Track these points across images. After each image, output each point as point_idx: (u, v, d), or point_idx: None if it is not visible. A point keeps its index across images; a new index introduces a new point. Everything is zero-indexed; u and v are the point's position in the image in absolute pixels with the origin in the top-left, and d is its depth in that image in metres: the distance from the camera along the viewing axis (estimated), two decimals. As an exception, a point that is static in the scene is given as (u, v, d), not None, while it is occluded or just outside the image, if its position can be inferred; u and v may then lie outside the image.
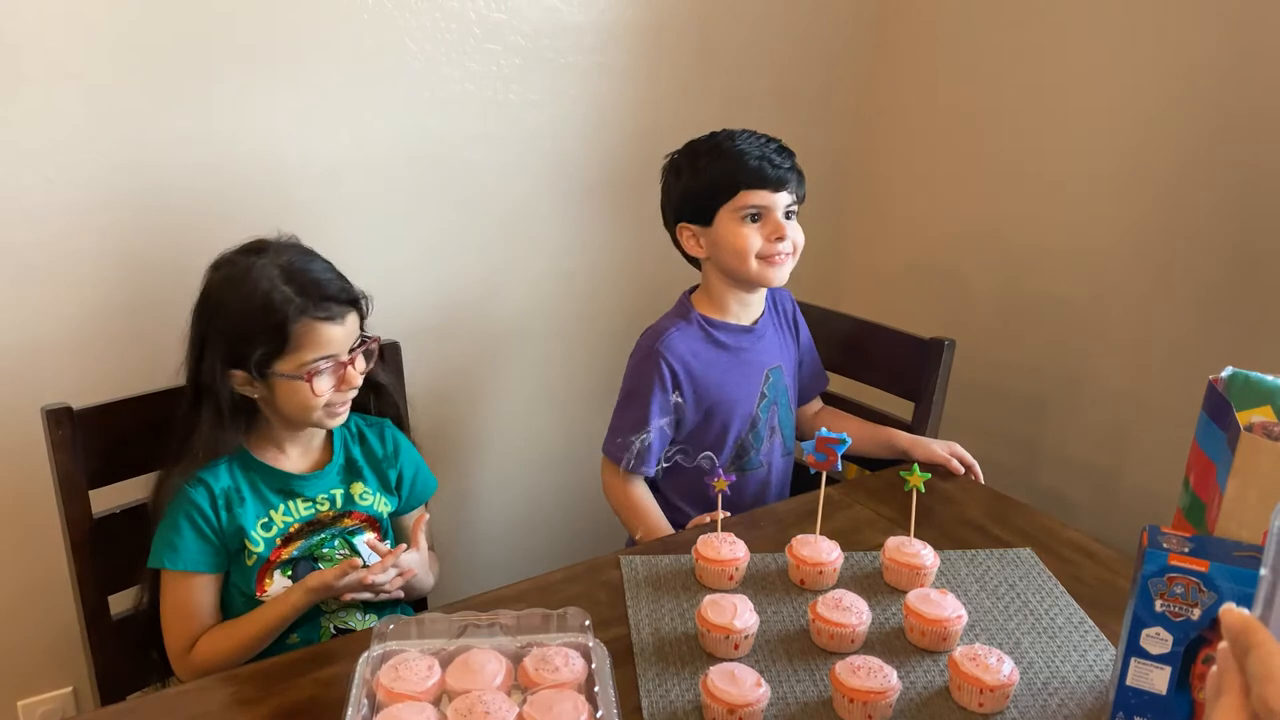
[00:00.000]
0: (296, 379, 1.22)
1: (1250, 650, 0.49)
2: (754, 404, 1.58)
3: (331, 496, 1.33)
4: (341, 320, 1.24)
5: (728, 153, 1.49)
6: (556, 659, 0.98)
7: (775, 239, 1.48)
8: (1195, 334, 1.73)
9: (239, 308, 1.21)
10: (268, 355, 1.21)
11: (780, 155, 1.50)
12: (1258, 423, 0.94)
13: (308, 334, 1.21)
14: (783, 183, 1.48)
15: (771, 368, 1.60)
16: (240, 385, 1.24)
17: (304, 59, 1.60)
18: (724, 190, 1.48)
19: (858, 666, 1.00)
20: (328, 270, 1.27)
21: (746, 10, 2.05)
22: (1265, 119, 1.59)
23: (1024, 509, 1.44)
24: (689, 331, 1.55)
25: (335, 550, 1.33)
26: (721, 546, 1.22)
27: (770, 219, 1.48)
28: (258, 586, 1.27)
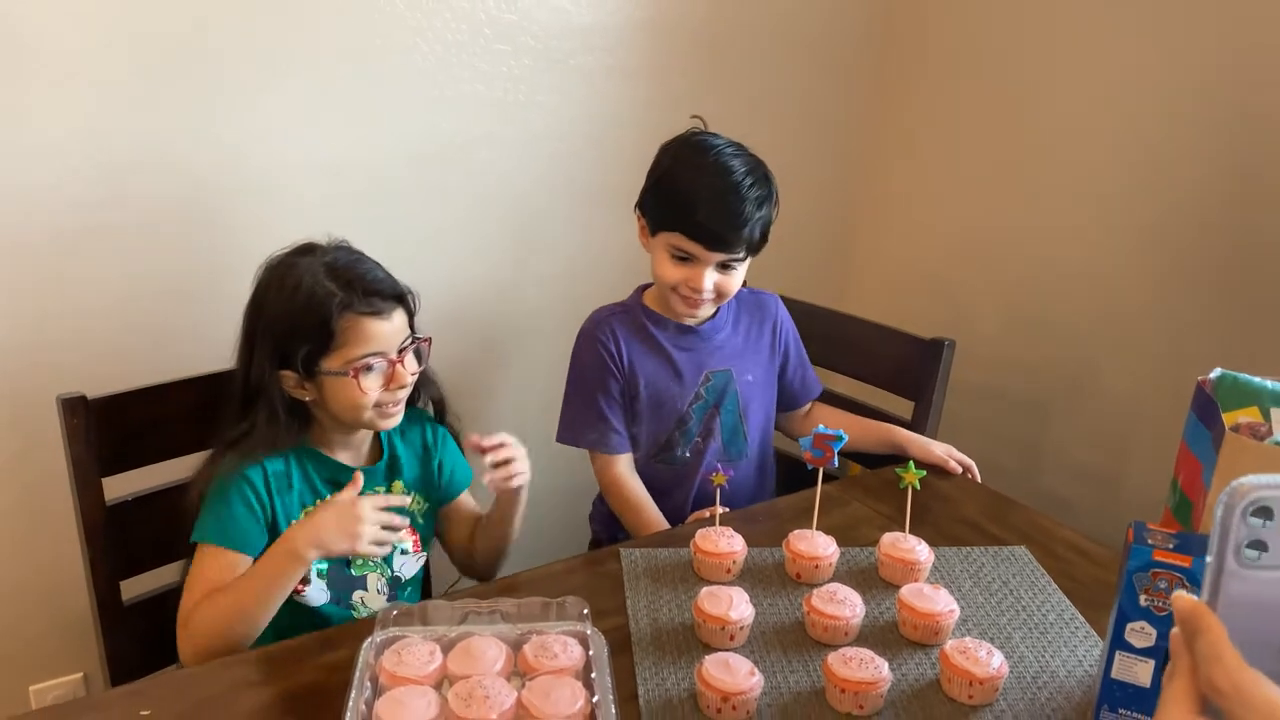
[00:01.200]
0: (343, 375, 1.22)
1: (1198, 634, 0.52)
2: (684, 404, 1.57)
3: (376, 493, 1.33)
4: (388, 316, 1.25)
5: (687, 189, 1.44)
6: (555, 646, 1.00)
7: (692, 287, 1.47)
8: (1195, 337, 1.75)
9: (284, 306, 1.22)
10: (313, 353, 1.22)
11: (740, 211, 1.42)
12: (1244, 423, 0.96)
13: (352, 330, 1.22)
14: (722, 245, 1.43)
15: (716, 370, 1.58)
16: (292, 388, 1.25)
17: (316, 58, 1.64)
18: (666, 222, 1.46)
19: (850, 658, 1.02)
20: (375, 268, 1.28)
21: (754, 13, 2.07)
22: (1268, 126, 1.61)
23: (1020, 508, 1.46)
24: (625, 319, 1.57)
25: (368, 560, 1.33)
26: (719, 540, 1.24)
27: (696, 269, 1.46)
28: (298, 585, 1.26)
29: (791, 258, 1.93)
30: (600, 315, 1.59)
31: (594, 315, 1.60)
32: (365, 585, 1.34)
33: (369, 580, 1.35)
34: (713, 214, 1.42)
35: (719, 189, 1.42)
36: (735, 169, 1.44)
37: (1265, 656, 0.51)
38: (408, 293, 1.31)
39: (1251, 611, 0.52)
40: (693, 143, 1.50)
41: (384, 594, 1.36)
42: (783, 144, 2.18)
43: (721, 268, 1.47)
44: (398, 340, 1.27)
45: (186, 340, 1.56)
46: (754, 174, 1.46)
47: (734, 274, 1.50)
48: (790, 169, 1.59)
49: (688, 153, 1.48)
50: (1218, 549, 0.51)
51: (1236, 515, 0.51)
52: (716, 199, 1.42)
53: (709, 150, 1.47)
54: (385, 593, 1.37)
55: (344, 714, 0.90)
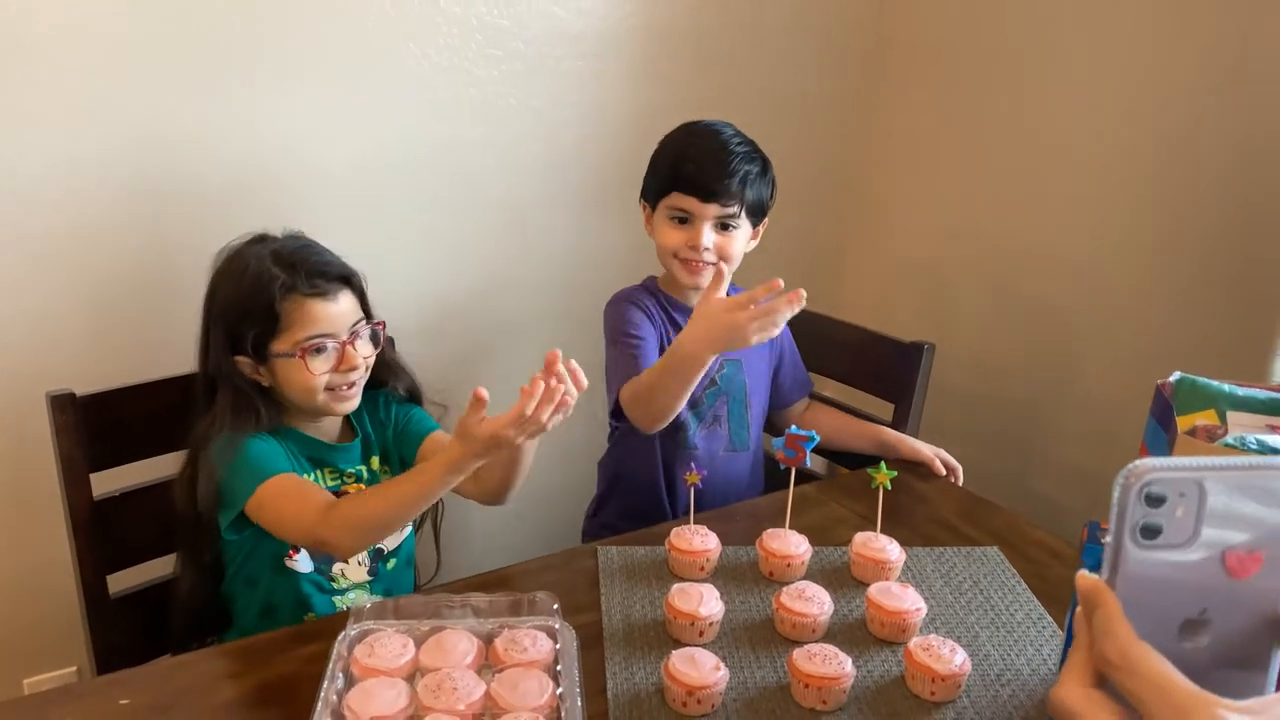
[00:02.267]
0: (291, 357, 1.25)
1: (1095, 609, 0.54)
2: (700, 388, 1.56)
3: (358, 471, 1.37)
4: (333, 297, 1.28)
5: (677, 149, 1.53)
6: (525, 640, 1.02)
7: (690, 246, 1.51)
8: (1182, 340, 1.76)
9: (233, 291, 1.27)
10: (262, 336, 1.25)
11: (729, 163, 1.49)
12: (1201, 426, 0.98)
13: (297, 311, 1.25)
14: (712, 195, 1.49)
15: (729, 359, 1.62)
16: (248, 372, 1.29)
17: (308, 62, 1.66)
18: (662, 185, 1.52)
19: (814, 654, 1.04)
20: (323, 253, 1.31)
21: (745, 19, 2.09)
22: (1262, 132, 1.62)
23: (996, 509, 1.48)
24: (648, 297, 1.62)
25: None
26: (694, 538, 1.27)
27: (694, 226, 1.51)
28: (289, 551, 1.30)
29: (783, 261, 1.95)
30: (625, 292, 1.63)
31: (621, 291, 1.64)
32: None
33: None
34: (702, 165, 1.49)
35: (708, 145, 1.51)
36: (723, 130, 1.54)
37: (1162, 631, 0.54)
38: (355, 274, 1.33)
39: (1148, 588, 0.54)
40: (684, 124, 1.60)
41: (365, 565, 1.37)
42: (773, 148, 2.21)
43: (720, 228, 1.52)
44: (347, 322, 1.29)
45: (174, 338, 1.59)
46: (741, 137, 1.55)
47: (733, 235, 1.53)
48: (781, 173, 1.61)
49: (679, 130, 1.58)
50: (1115, 529, 0.53)
51: (1132, 496, 0.53)
52: (705, 153, 1.50)
53: (699, 123, 1.57)
54: (366, 564, 1.37)
55: (315, 704, 0.92)
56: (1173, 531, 0.53)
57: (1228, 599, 0.54)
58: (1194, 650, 0.54)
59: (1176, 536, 0.53)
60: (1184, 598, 0.54)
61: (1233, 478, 0.53)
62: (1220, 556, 0.54)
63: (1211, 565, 0.54)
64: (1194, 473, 0.52)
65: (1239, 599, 0.54)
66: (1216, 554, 0.54)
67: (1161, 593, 0.54)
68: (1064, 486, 2.00)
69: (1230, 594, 0.54)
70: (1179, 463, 0.52)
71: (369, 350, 1.32)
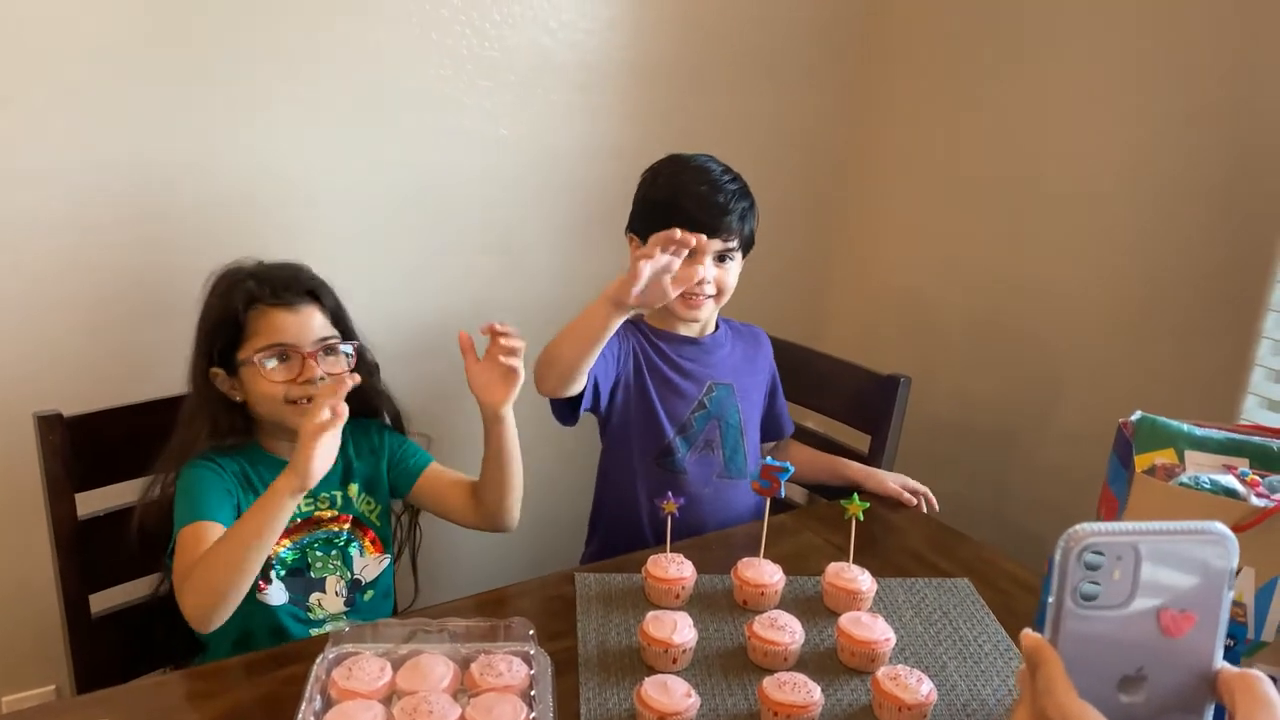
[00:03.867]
0: (249, 364, 1.29)
1: (1038, 668, 0.57)
2: (688, 410, 1.63)
3: (332, 496, 1.39)
4: (295, 309, 1.32)
5: (672, 185, 1.57)
6: (500, 665, 1.04)
7: (694, 281, 1.51)
8: (1158, 377, 1.79)
9: (209, 304, 1.33)
10: (229, 346, 1.31)
11: (725, 199, 1.55)
12: (1160, 465, 1.01)
13: (261, 320, 1.30)
14: (714, 230, 1.54)
15: (719, 383, 1.65)
16: (225, 387, 1.32)
17: (301, 91, 1.69)
18: (658, 220, 1.51)
19: (784, 682, 1.06)
20: (297, 269, 1.37)
21: (730, 52, 2.13)
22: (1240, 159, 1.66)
23: (967, 540, 1.51)
24: (634, 329, 1.64)
25: (329, 560, 1.38)
26: (670, 566, 1.29)
27: (691, 261, 1.49)
28: (259, 585, 1.30)
29: (766, 291, 1.98)
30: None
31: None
32: (323, 588, 1.38)
33: (327, 583, 1.38)
34: (698, 202, 1.54)
35: (700, 182, 1.56)
36: (712, 169, 1.59)
37: (1102, 687, 0.57)
38: (326, 291, 1.37)
39: (1089, 647, 0.57)
40: (669, 159, 1.64)
41: (342, 596, 1.39)
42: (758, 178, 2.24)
43: (717, 260, 1.56)
44: (310, 335, 1.32)
45: (164, 361, 1.61)
46: (730, 173, 1.60)
47: (730, 268, 1.58)
48: (765, 203, 1.65)
49: (666, 166, 1.62)
50: (1057, 590, 0.56)
51: (1072, 559, 0.56)
52: (699, 192, 1.55)
53: (685, 159, 1.62)
54: (344, 595, 1.39)
55: (292, 725, 0.94)
56: (1111, 593, 0.56)
57: (1163, 657, 0.57)
58: (1132, 705, 0.57)
59: (1115, 597, 0.56)
60: (1122, 656, 0.57)
61: (1166, 542, 0.56)
62: (1155, 616, 0.56)
63: (1148, 624, 0.57)
64: (1130, 537, 0.56)
65: (1174, 656, 0.57)
66: (1152, 614, 0.56)
67: (1101, 651, 0.57)
68: (1038, 518, 2.03)
69: (1166, 652, 0.57)
70: (1116, 527, 0.56)
71: (336, 367, 1.33)
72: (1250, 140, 1.64)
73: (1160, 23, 1.74)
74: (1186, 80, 1.72)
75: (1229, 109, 1.66)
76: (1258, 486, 0.92)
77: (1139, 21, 1.77)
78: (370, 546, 1.42)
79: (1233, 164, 1.67)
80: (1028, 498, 2.04)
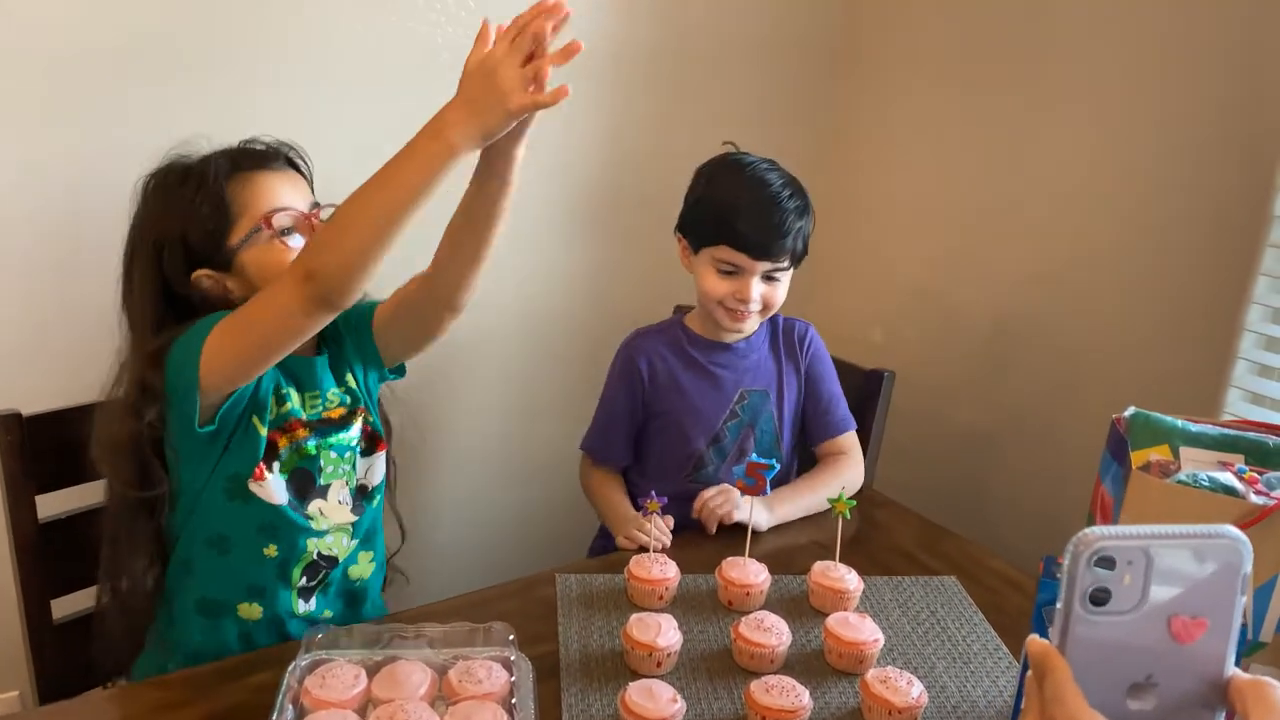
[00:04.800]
0: (256, 236, 1.15)
1: (1046, 675, 0.55)
2: (719, 420, 1.58)
3: (338, 393, 1.28)
4: (279, 169, 1.20)
5: (731, 199, 1.47)
6: (480, 671, 1.01)
7: (739, 300, 1.49)
8: (1146, 370, 1.78)
9: (172, 201, 1.16)
10: (217, 234, 1.15)
11: (782, 220, 1.46)
12: (1155, 461, 0.99)
13: (247, 188, 1.16)
14: (765, 254, 1.46)
15: (752, 389, 1.59)
16: (209, 289, 1.17)
17: (265, 79, 1.64)
18: (711, 233, 1.49)
19: (771, 686, 1.03)
20: (268, 141, 1.23)
21: (719, 41, 2.10)
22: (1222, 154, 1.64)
23: (953, 537, 1.49)
24: (662, 337, 1.60)
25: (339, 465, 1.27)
26: (653, 567, 1.26)
27: (743, 280, 1.48)
28: (255, 471, 1.18)
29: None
30: (640, 336, 1.63)
31: (634, 336, 1.64)
32: (326, 495, 1.27)
33: (332, 489, 1.27)
34: (755, 223, 1.45)
35: (759, 199, 1.47)
36: (772, 181, 1.49)
37: (1111, 695, 0.55)
38: (299, 153, 1.26)
39: (1098, 653, 0.55)
40: (728, 162, 1.54)
41: (346, 504, 1.28)
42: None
43: (767, 279, 1.50)
44: (302, 196, 1.21)
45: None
46: (790, 185, 1.51)
47: (779, 285, 1.52)
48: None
49: (724, 171, 1.53)
50: (1065, 595, 0.55)
51: (1082, 564, 0.54)
52: (757, 208, 1.46)
53: (745, 166, 1.52)
54: (348, 503, 1.29)
55: (262, 737, 0.91)
56: (1121, 598, 0.55)
57: (1173, 664, 0.55)
58: (1141, 714, 0.56)
59: (1125, 603, 0.55)
60: (1132, 662, 0.55)
61: (1179, 545, 0.54)
62: (1166, 622, 0.55)
63: (1158, 631, 0.55)
64: (1142, 541, 0.54)
65: (1184, 664, 0.55)
66: (1163, 620, 0.55)
67: (1110, 657, 0.55)
68: (1023, 513, 2.02)
69: (1176, 659, 0.55)
70: (1127, 531, 0.54)
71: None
72: (1232, 134, 1.63)
73: (1146, 21, 1.72)
74: (1165, 77, 1.70)
75: (1212, 105, 1.65)
76: (1256, 484, 0.91)
77: (1130, 20, 1.75)
78: (375, 444, 1.32)
79: (1214, 158, 1.65)
80: (1012, 493, 2.03)
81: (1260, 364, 1.67)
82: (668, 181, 1.64)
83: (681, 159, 1.62)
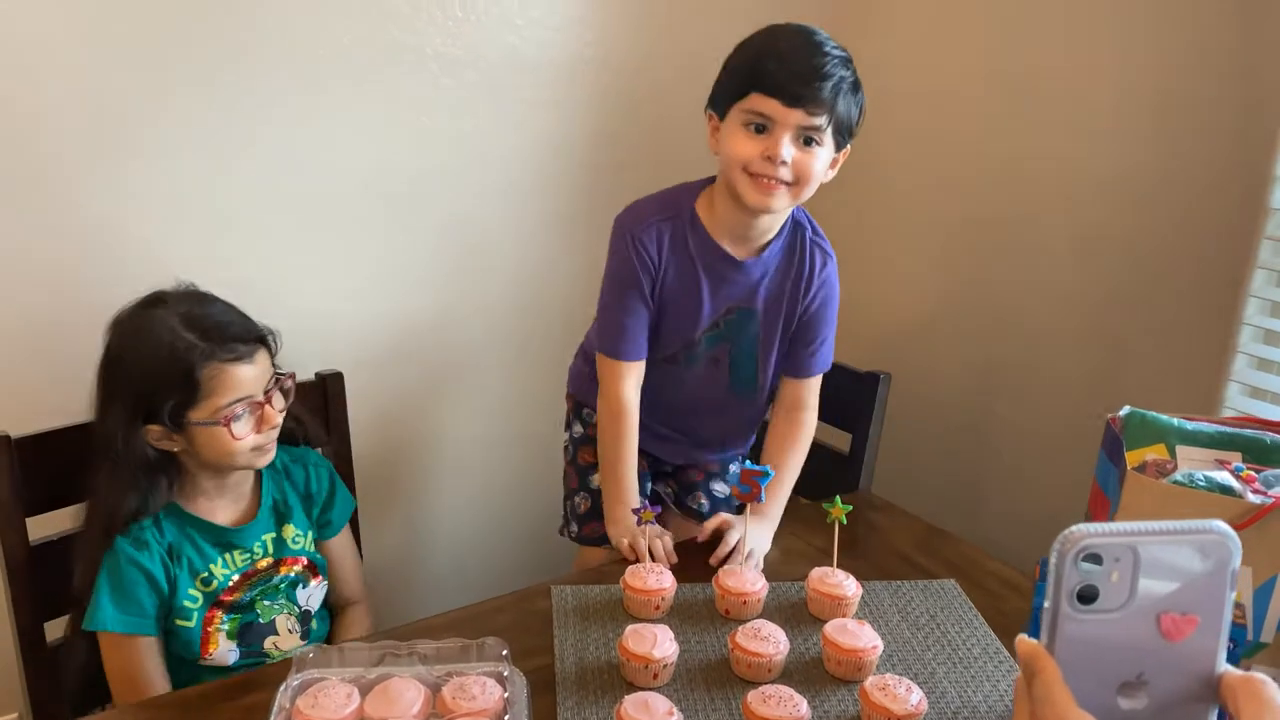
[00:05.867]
0: (214, 425, 1.22)
1: (1035, 675, 0.55)
2: (698, 330, 1.47)
3: (264, 544, 1.34)
4: (251, 359, 1.25)
5: (759, 47, 1.33)
6: (474, 688, 1.00)
7: (767, 158, 1.30)
8: (1145, 367, 1.77)
9: (144, 361, 1.21)
10: (180, 405, 1.21)
11: (819, 64, 1.29)
12: (1151, 461, 0.98)
13: (218, 378, 1.22)
14: (798, 99, 1.28)
15: (741, 307, 1.46)
16: (157, 440, 1.24)
17: (255, 87, 1.63)
18: (739, 86, 1.33)
19: (769, 696, 1.02)
20: (228, 312, 1.28)
21: (700, 49, 2.08)
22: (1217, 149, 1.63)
23: (952, 540, 1.48)
24: (667, 229, 1.43)
25: (275, 603, 1.34)
26: (648, 577, 1.25)
27: (773, 135, 1.30)
28: (202, 648, 1.28)
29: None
30: (643, 215, 1.45)
31: (638, 214, 1.46)
32: (275, 629, 1.34)
33: (278, 623, 1.35)
34: (790, 61, 1.29)
35: (797, 42, 1.32)
36: (815, 32, 1.34)
37: (1101, 693, 0.55)
38: (268, 333, 1.31)
39: (1087, 652, 0.55)
40: (771, 23, 1.38)
41: (295, 632, 1.36)
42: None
43: (800, 142, 1.32)
44: (263, 382, 1.27)
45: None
46: (833, 41, 1.34)
47: (815, 153, 1.33)
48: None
49: (764, 29, 1.37)
50: (1053, 594, 0.54)
51: (1068, 562, 0.53)
52: (794, 49, 1.31)
53: (786, 25, 1.36)
54: (297, 630, 1.36)
55: (253, 760, 0.90)
56: (1109, 596, 0.54)
57: (1164, 661, 0.55)
58: (1132, 712, 0.55)
59: (1113, 601, 0.54)
60: (1122, 660, 0.55)
61: (1166, 542, 0.53)
62: (1156, 620, 0.54)
63: (1147, 628, 0.54)
64: (1128, 538, 0.53)
65: (1175, 661, 0.55)
66: (1152, 617, 0.54)
67: (1100, 656, 0.55)
68: (1021, 514, 2.00)
69: (1166, 656, 0.55)
70: (1113, 528, 0.53)
71: (283, 404, 1.30)
72: (1228, 128, 1.62)
73: (1139, 11, 1.71)
74: (1162, 69, 1.69)
75: (1208, 98, 1.64)
76: (1253, 482, 0.89)
77: (1123, 11, 1.74)
78: (310, 576, 1.39)
79: (1210, 151, 1.64)
80: (1011, 495, 2.02)
81: (1259, 358, 1.66)
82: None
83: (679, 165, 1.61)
